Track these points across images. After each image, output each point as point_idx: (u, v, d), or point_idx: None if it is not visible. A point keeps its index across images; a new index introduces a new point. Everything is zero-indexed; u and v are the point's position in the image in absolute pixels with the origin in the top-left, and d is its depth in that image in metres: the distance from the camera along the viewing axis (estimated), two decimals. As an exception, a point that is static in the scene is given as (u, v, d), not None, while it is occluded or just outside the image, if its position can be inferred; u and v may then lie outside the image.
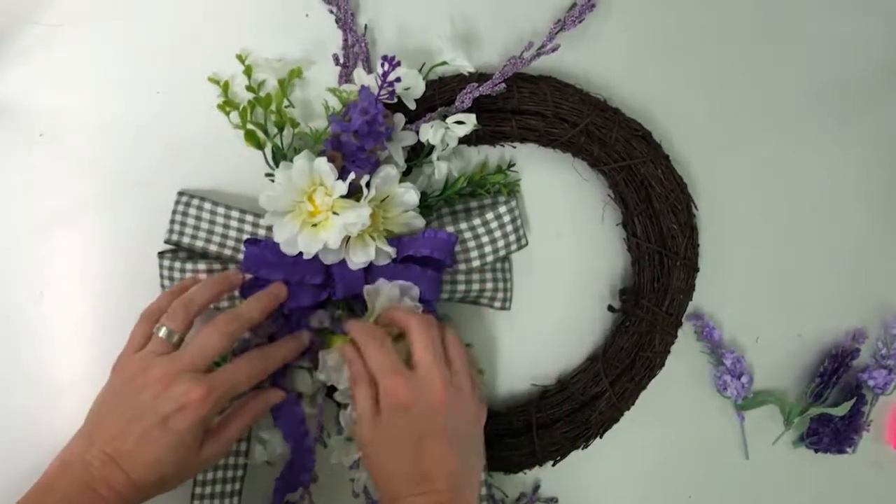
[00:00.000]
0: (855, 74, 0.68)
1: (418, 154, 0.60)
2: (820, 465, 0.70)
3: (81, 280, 0.61)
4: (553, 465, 0.64)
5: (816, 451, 0.69)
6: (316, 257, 0.55)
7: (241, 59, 0.59)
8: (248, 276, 0.56)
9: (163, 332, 0.52)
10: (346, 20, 0.61)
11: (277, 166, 0.56)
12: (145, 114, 0.61)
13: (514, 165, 0.64)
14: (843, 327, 0.69)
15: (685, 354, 0.66)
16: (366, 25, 0.62)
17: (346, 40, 0.61)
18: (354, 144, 0.54)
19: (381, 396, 0.52)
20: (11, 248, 0.61)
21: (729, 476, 0.69)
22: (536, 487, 0.66)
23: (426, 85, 0.59)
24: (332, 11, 0.61)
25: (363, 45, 0.61)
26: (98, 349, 0.61)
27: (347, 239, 0.55)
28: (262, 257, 0.56)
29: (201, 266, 0.58)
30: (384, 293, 0.57)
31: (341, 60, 0.61)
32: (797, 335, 0.69)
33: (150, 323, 0.53)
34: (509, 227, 0.60)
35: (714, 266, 0.66)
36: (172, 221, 0.59)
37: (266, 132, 0.59)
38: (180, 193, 0.60)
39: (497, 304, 0.63)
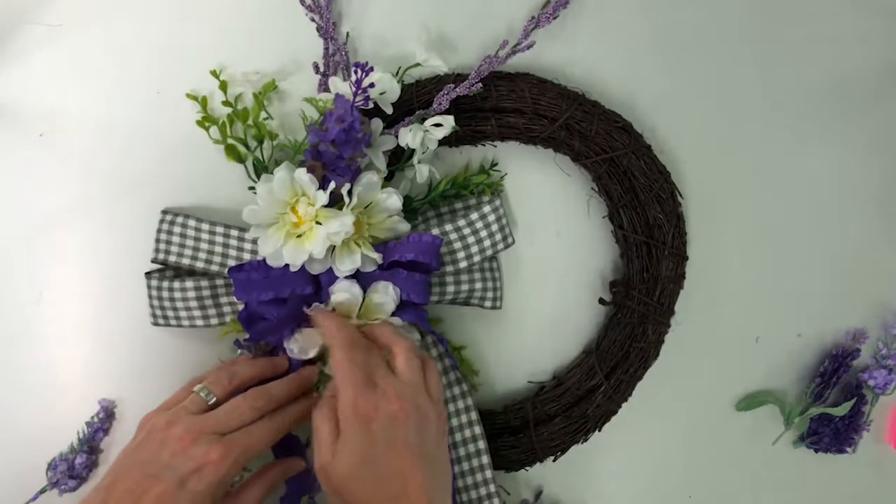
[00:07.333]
0: (854, 73, 0.67)
1: (399, 158, 0.60)
2: (820, 465, 0.69)
3: (81, 280, 0.61)
4: (553, 460, 0.64)
5: (816, 451, 0.68)
6: (303, 268, 0.55)
7: (215, 74, 0.59)
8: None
9: (203, 392, 0.52)
10: (327, 29, 0.61)
11: (259, 179, 0.56)
12: (146, 114, 0.61)
13: (496, 165, 0.64)
14: (843, 327, 0.69)
15: (680, 345, 0.66)
16: (347, 34, 0.62)
17: (326, 49, 0.61)
18: (333, 153, 0.54)
19: (340, 410, 0.50)
20: (11, 248, 0.61)
21: (729, 476, 0.68)
22: (539, 494, 0.66)
23: (403, 88, 0.59)
24: (313, 20, 0.61)
25: (344, 53, 0.61)
26: (97, 349, 0.61)
27: (333, 248, 0.55)
28: (250, 280, 0.55)
29: (189, 284, 0.58)
30: (342, 291, 0.56)
31: (321, 69, 0.61)
32: (797, 335, 0.69)
33: (192, 387, 0.53)
34: (495, 227, 0.60)
35: (714, 266, 0.66)
36: (158, 241, 0.59)
37: (246, 146, 0.59)
38: (164, 212, 0.60)
39: (488, 303, 0.63)
